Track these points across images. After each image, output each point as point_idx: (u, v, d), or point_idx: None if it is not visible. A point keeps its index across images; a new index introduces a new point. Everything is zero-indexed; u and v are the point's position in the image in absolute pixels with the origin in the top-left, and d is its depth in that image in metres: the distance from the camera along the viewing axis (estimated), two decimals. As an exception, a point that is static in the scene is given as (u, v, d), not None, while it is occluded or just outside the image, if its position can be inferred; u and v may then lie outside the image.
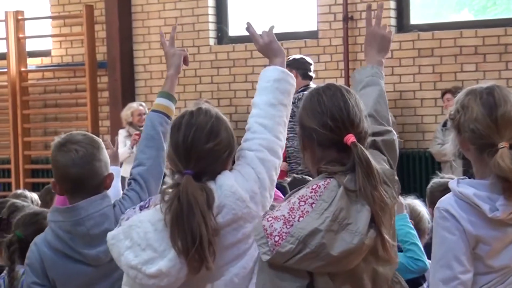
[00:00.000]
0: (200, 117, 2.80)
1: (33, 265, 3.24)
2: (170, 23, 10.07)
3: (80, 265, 3.20)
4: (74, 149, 3.18)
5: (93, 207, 3.19)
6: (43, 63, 10.83)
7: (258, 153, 2.85)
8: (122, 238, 2.73)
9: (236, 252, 2.78)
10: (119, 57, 10.13)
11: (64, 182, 3.22)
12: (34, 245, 3.27)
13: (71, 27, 10.66)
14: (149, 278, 2.68)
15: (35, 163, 10.84)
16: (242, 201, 2.75)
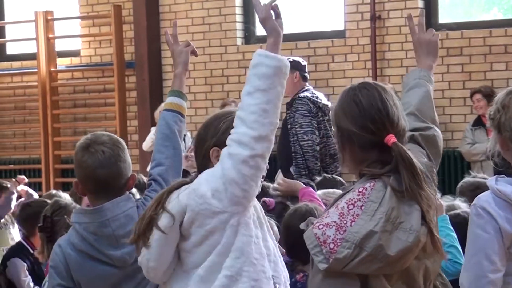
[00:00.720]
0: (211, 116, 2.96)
1: (58, 267, 3.20)
2: (198, 23, 10.00)
3: (105, 266, 3.18)
4: (100, 150, 3.16)
5: (119, 208, 3.16)
6: (72, 63, 10.76)
7: (228, 149, 2.76)
8: None
9: (205, 249, 2.79)
10: (147, 57, 10.03)
11: (89, 183, 3.20)
12: (58, 247, 3.23)
13: (99, 27, 10.59)
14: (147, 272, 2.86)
15: (64, 163, 10.76)
16: (200, 197, 2.75)
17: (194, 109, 9.57)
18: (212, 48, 9.88)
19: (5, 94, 11.12)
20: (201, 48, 9.86)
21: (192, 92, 9.79)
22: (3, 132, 11.19)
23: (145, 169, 7.56)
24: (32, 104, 10.82)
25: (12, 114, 11.09)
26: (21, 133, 11.11)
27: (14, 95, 11.09)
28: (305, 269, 3.73)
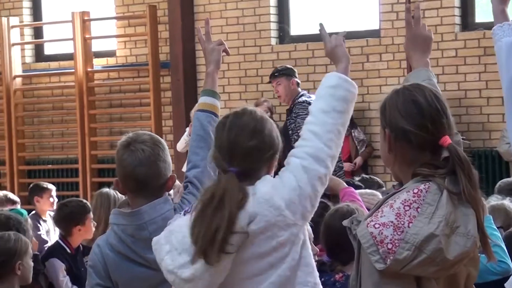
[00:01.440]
0: (245, 117, 2.76)
1: (96, 266, 3.17)
2: (232, 23, 9.90)
3: (142, 268, 3.12)
4: (140, 149, 3.10)
5: (156, 211, 3.10)
6: (108, 63, 10.68)
7: (303, 161, 2.75)
8: (163, 243, 2.70)
9: (271, 261, 2.70)
10: (181, 57, 9.95)
11: (129, 181, 3.13)
12: (97, 247, 3.20)
13: (135, 27, 10.49)
14: (185, 282, 2.64)
15: (101, 162, 10.68)
16: (276, 208, 2.68)
17: (228, 109, 9.34)
18: (246, 48, 9.80)
19: (43, 94, 11.10)
20: (235, 48, 9.77)
21: (226, 92, 9.74)
22: (41, 132, 11.16)
23: (180, 170, 7.47)
24: (70, 104, 10.76)
25: (50, 114, 11.05)
26: (59, 133, 11.07)
27: (52, 95, 11.05)
28: (344, 269, 3.66)
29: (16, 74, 10.88)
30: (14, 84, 10.88)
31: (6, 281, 3.91)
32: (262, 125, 2.75)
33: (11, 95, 10.84)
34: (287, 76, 8.13)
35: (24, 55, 11.04)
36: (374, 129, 9.13)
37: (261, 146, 2.73)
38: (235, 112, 2.79)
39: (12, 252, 3.91)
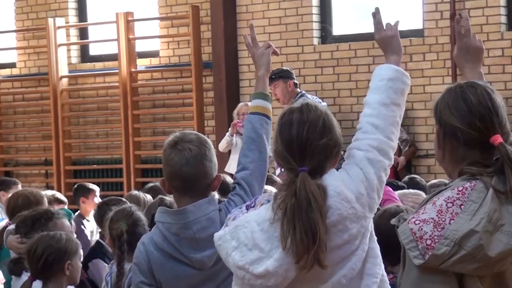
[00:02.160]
0: (311, 113, 2.69)
1: (141, 264, 3.15)
2: (274, 23, 9.80)
3: (185, 267, 3.10)
4: (188, 148, 3.08)
5: (201, 211, 3.08)
6: (152, 64, 10.62)
7: (367, 153, 2.72)
8: (229, 238, 2.64)
9: (343, 254, 2.64)
10: (224, 57, 9.86)
11: (175, 180, 3.11)
12: (142, 244, 3.17)
13: (178, 27, 10.41)
14: (256, 278, 2.58)
15: (144, 163, 10.61)
16: (348, 201, 2.62)
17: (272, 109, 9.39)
18: (289, 48, 9.69)
19: (88, 95, 11.08)
20: (277, 48, 9.49)
21: (270, 92, 9.60)
22: (87, 132, 11.13)
23: (223, 170, 7.39)
24: (114, 105, 10.70)
25: (95, 115, 11.01)
26: (104, 133, 11.03)
27: (97, 95, 11.01)
28: (394, 270, 3.52)
29: (62, 74, 10.86)
30: (60, 85, 10.87)
31: (55, 280, 3.89)
32: (329, 120, 2.70)
33: (58, 96, 10.83)
34: (284, 79, 8.16)
35: (70, 56, 11.02)
36: (417, 129, 8.98)
37: (331, 143, 2.68)
38: (298, 109, 2.69)
39: (62, 252, 3.89)
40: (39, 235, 3.96)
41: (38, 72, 11.19)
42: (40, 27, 10.94)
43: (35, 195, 5.65)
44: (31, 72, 11.28)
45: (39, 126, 11.30)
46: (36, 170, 11.44)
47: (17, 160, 11.56)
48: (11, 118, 11.48)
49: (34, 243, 3.91)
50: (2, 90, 11.43)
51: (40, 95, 11.22)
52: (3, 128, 11.44)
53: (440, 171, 8.87)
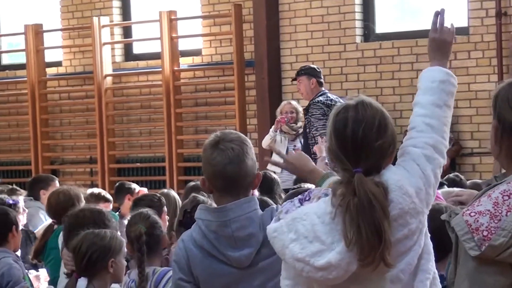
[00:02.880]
0: (367, 112, 2.64)
1: (180, 261, 3.12)
2: (317, 21, 9.68)
3: (224, 265, 3.08)
4: (230, 147, 3.06)
5: (241, 210, 3.06)
6: (194, 62, 10.53)
7: (424, 151, 2.71)
8: (286, 230, 2.59)
9: (402, 249, 2.62)
10: (266, 56, 9.77)
11: (217, 180, 3.08)
12: (181, 241, 3.16)
13: (220, 26, 10.32)
14: (317, 270, 2.54)
15: (187, 161, 10.53)
16: (409, 196, 2.61)
17: None
18: (330, 46, 9.58)
19: (132, 93, 11.04)
20: (319, 46, 9.62)
21: None
22: (130, 130, 11.09)
23: (265, 167, 7.29)
24: (157, 103, 10.64)
25: (138, 113, 10.96)
26: (147, 132, 10.97)
27: (140, 94, 10.96)
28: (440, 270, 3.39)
29: (106, 73, 10.84)
30: (105, 83, 10.85)
31: (99, 278, 3.86)
32: (385, 120, 2.66)
33: (103, 94, 10.81)
34: (308, 76, 8.29)
35: (114, 54, 10.99)
36: (461, 127, 8.81)
37: (386, 145, 2.65)
38: (353, 107, 2.65)
39: (106, 250, 3.86)
40: (84, 232, 3.94)
41: (83, 71, 11.18)
42: (85, 26, 10.92)
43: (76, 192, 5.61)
44: (77, 70, 11.28)
45: (84, 125, 11.30)
46: (81, 168, 11.44)
47: (63, 158, 11.58)
48: (57, 117, 11.49)
49: (79, 241, 3.89)
50: (48, 89, 11.45)
51: (85, 94, 11.21)
52: (49, 126, 11.46)
53: (485, 169, 8.66)
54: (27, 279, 5.02)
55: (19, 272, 4.89)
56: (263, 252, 3.03)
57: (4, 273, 4.84)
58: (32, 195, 7.19)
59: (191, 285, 3.11)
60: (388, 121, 2.66)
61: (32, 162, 11.23)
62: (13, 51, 12.22)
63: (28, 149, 11.38)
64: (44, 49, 11.29)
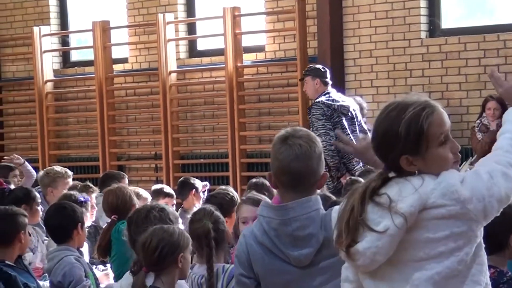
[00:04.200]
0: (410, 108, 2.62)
1: (241, 257, 3.14)
2: (381, 17, 9.50)
3: (283, 263, 3.07)
4: (298, 144, 3.05)
5: (302, 209, 3.03)
6: (258, 58, 10.44)
7: (504, 169, 2.62)
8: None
9: (441, 249, 2.56)
10: (329, 51, 9.61)
11: (283, 175, 3.07)
12: (243, 237, 3.17)
13: (284, 22, 10.20)
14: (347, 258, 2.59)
15: (250, 157, 10.44)
16: (460, 201, 2.54)
17: (376, 103, 9.17)
18: (395, 42, 9.39)
19: (195, 90, 10.99)
20: (384, 42, 9.45)
21: (374, 86, 9.44)
22: (194, 126, 11.05)
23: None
24: (220, 99, 10.57)
25: (202, 109, 10.91)
26: (210, 128, 10.92)
27: (204, 90, 10.91)
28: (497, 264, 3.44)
29: (171, 69, 10.81)
30: (169, 80, 10.82)
31: (168, 273, 3.87)
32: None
33: (167, 90, 10.79)
34: (312, 76, 8.28)
35: (178, 51, 10.97)
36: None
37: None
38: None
39: (175, 245, 3.86)
40: (152, 228, 3.95)
41: (149, 67, 11.18)
42: (150, 22, 10.92)
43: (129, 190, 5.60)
44: (142, 67, 11.29)
45: (149, 121, 11.30)
46: (146, 164, 11.45)
47: (129, 154, 11.60)
48: (124, 113, 11.53)
49: (148, 236, 3.89)
50: (115, 85, 11.49)
51: (150, 90, 11.22)
52: (116, 122, 11.50)
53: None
54: (90, 276, 5.01)
55: (80, 271, 4.88)
56: (324, 253, 3.01)
57: (66, 273, 4.84)
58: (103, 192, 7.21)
59: (252, 281, 3.11)
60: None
61: (100, 158, 11.29)
62: (81, 48, 12.31)
63: (96, 145, 11.44)
64: (111, 46, 11.33)
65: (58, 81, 11.88)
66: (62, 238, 5.01)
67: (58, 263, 4.88)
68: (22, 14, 12.07)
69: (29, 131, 12.09)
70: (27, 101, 12.10)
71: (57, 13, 12.00)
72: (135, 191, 6.41)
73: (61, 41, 12.10)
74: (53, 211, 5.13)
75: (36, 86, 11.67)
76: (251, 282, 3.11)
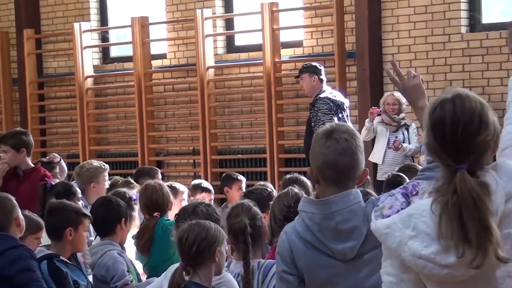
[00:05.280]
0: (465, 107, 2.41)
1: (283, 253, 3.09)
2: (420, 12, 9.36)
3: (328, 257, 3.03)
4: (344, 138, 3.02)
5: (344, 202, 3.01)
6: (295, 54, 10.34)
7: None
8: (401, 227, 2.44)
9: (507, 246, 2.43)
10: (367, 47, 9.50)
11: (327, 169, 3.03)
12: (284, 233, 3.12)
13: (321, 17, 10.10)
14: (443, 268, 2.39)
15: (288, 152, 10.36)
16: None
17: None
18: (434, 37, 9.26)
19: (233, 85, 10.92)
20: (423, 37, 9.30)
21: None
22: (232, 122, 10.99)
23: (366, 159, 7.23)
24: (258, 95, 10.50)
25: (240, 105, 10.84)
26: (248, 123, 10.84)
27: (242, 86, 10.84)
28: None
29: (209, 65, 10.76)
30: (207, 75, 10.77)
31: (205, 268, 3.85)
32: (485, 113, 2.42)
33: (205, 86, 10.74)
34: (310, 73, 8.49)
35: (216, 46, 10.91)
36: None
37: (488, 138, 2.42)
38: (450, 102, 2.43)
39: (212, 240, 3.86)
40: (189, 223, 3.93)
41: (187, 63, 11.14)
42: (188, 18, 10.88)
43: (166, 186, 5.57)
44: (180, 63, 11.26)
45: (187, 116, 11.27)
46: (184, 160, 11.42)
47: (167, 150, 11.58)
48: (162, 108, 11.51)
49: (185, 231, 3.88)
50: (154, 81, 11.47)
51: (188, 86, 11.18)
52: (155, 118, 11.48)
53: None
54: (132, 271, 4.98)
55: (123, 266, 4.85)
56: (367, 245, 2.98)
57: (109, 267, 4.82)
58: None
59: (295, 278, 3.07)
60: (488, 115, 2.42)
61: (139, 153, 11.29)
62: (120, 43, 12.30)
63: (135, 140, 11.44)
64: (150, 42, 11.31)
65: (98, 77, 11.90)
66: (105, 232, 5.00)
67: (101, 257, 4.86)
68: (63, 10, 12.11)
69: (70, 127, 12.13)
70: (68, 97, 12.15)
71: (97, 9, 12.02)
72: (172, 185, 6.40)
73: (101, 37, 12.12)
74: (98, 205, 5.11)
75: (77, 82, 11.71)
76: (294, 278, 3.07)
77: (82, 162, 10.69)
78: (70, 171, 10.24)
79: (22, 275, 4.42)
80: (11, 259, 4.46)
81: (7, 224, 4.62)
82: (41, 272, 4.54)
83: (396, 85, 3.19)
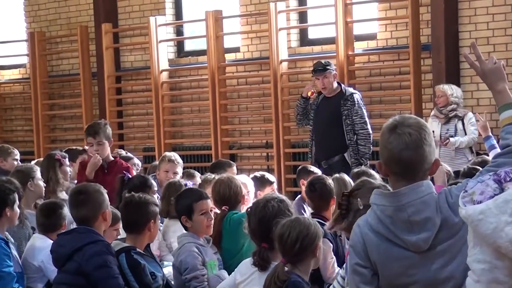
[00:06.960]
0: None
1: (356, 246, 3.10)
2: (498, 3, 9.11)
3: (401, 249, 3.01)
4: (407, 132, 2.99)
5: (415, 194, 2.98)
6: (369, 47, 10.17)
7: None
8: (497, 213, 2.47)
9: None
10: (443, 39, 9.28)
11: (393, 164, 3.03)
12: (357, 226, 3.13)
13: (396, 10, 9.89)
14: None
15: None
16: None
17: None
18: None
19: (306, 78, 10.65)
20: (502, 29, 9.05)
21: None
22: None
23: None
24: (331, 88, 10.38)
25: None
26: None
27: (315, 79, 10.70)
28: None
29: (282, 58, 10.67)
30: (280, 68, 10.67)
31: (304, 263, 3.98)
32: None
33: (278, 79, 10.64)
34: (333, 72, 8.63)
35: (289, 40, 10.80)
36: None
37: None
38: None
39: (313, 236, 3.98)
40: (288, 221, 4.02)
41: (260, 56, 11.07)
42: (262, 11, 10.80)
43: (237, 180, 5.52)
44: (253, 56, 11.19)
45: (260, 110, 11.20)
46: (257, 153, 11.35)
47: (240, 143, 11.54)
48: (235, 102, 11.46)
49: (285, 229, 3.97)
50: (227, 74, 11.43)
51: (261, 79, 11.10)
52: (228, 111, 11.45)
53: None
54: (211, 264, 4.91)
55: (196, 260, 4.82)
56: (441, 235, 2.94)
57: (182, 260, 4.84)
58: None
59: (368, 270, 3.07)
60: None
61: (212, 147, 11.28)
62: (195, 37, 12.30)
63: (208, 134, 11.43)
64: (223, 35, 11.27)
65: (173, 70, 11.93)
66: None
67: (180, 248, 4.90)
68: (139, 4, 12.17)
69: (146, 120, 12.20)
70: (144, 91, 12.21)
71: (172, 3, 12.05)
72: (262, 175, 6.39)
73: (176, 31, 12.15)
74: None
75: (152, 75, 11.76)
76: (368, 271, 3.06)
77: (157, 155, 10.79)
78: (146, 164, 10.32)
79: (98, 272, 4.42)
80: (88, 255, 4.45)
81: (93, 218, 4.60)
82: (120, 265, 4.54)
83: (475, 69, 3.10)
